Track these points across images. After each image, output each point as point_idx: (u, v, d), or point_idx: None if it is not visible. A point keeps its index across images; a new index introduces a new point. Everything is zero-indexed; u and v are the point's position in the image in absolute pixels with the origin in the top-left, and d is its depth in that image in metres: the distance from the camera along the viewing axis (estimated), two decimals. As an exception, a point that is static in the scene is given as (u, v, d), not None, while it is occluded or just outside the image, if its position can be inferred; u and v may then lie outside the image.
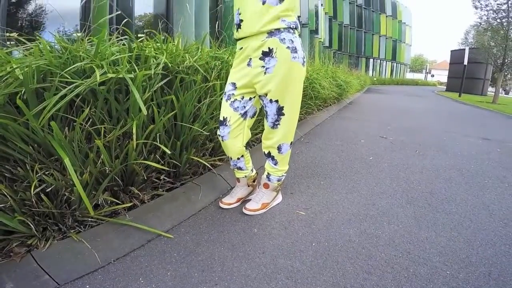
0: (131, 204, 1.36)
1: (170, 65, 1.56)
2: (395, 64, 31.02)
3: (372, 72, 26.72)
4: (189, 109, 1.60)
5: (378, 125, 4.37)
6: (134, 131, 1.20)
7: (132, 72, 1.30)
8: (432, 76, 46.98)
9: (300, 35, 1.33)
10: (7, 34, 2.24)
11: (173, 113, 1.52)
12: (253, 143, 2.48)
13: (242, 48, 1.30)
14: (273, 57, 1.22)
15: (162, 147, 1.31)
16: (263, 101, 1.32)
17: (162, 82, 1.49)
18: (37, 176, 1.12)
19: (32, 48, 1.31)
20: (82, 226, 1.20)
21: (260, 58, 1.23)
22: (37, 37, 1.38)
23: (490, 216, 1.64)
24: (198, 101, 1.77)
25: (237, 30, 1.30)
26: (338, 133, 3.64)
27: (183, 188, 1.64)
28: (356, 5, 24.45)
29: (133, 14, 4.63)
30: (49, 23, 4.63)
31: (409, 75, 41.48)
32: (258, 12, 1.21)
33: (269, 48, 1.21)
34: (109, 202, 1.30)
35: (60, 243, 1.11)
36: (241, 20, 1.26)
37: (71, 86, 1.14)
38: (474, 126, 5.12)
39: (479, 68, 18.07)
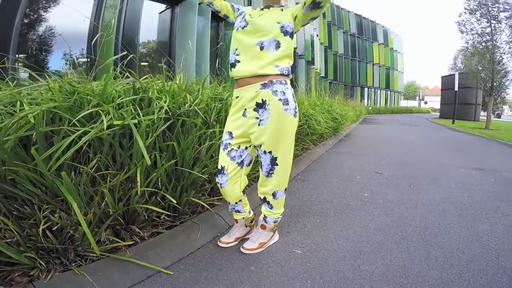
0: (132, 242, 1.45)
1: (172, 108, 1.72)
2: (389, 92, 32.05)
3: (367, 101, 27.64)
4: (190, 152, 1.74)
5: (374, 159, 4.49)
6: (138, 178, 1.33)
7: (137, 116, 1.45)
8: (426, 103, 48.45)
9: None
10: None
11: (174, 160, 1.66)
12: (251, 182, 2.60)
13: (238, 97, 1.43)
14: (266, 109, 1.34)
15: (168, 196, 1.43)
16: (257, 151, 1.44)
17: (164, 126, 1.64)
18: (43, 214, 1.22)
19: (43, 83, 1.48)
20: (83, 260, 1.28)
21: (254, 109, 1.36)
22: (46, 71, 1.55)
23: (483, 247, 1.72)
24: (198, 143, 1.92)
25: (231, 69, 1.44)
26: (334, 170, 3.74)
27: (183, 227, 1.73)
28: (350, 34, 25.83)
29: (137, 42, 4.91)
30: (57, 45, 4.90)
31: (403, 103, 42.70)
32: (255, 56, 1.35)
33: (262, 99, 1.34)
34: (111, 239, 1.39)
35: (61, 275, 1.17)
36: (237, 61, 1.40)
37: (79, 131, 1.27)
38: (468, 156, 5.28)
39: (470, 93, 18.64)
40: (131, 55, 2.03)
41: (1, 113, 1.33)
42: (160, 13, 6.23)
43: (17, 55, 4.06)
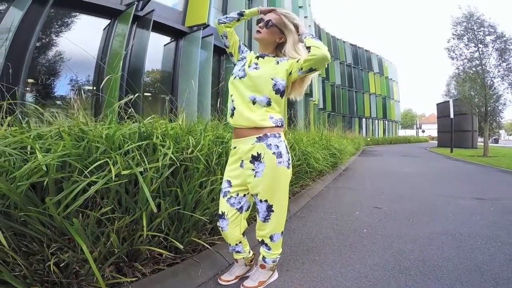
0: (134, 278, 1.52)
1: (175, 154, 1.86)
2: (386, 122, 32.56)
3: (366, 132, 27.98)
4: (192, 196, 1.87)
5: (373, 194, 4.55)
6: (144, 223, 1.44)
7: (142, 164, 1.59)
8: (423, 131, 49.20)
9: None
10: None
11: (178, 207, 1.79)
12: (251, 221, 2.67)
13: (235, 147, 1.56)
14: (261, 162, 1.46)
15: (171, 239, 1.52)
16: (254, 198, 1.56)
17: (168, 172, 1.77)
18: (51, 251, 1.32)
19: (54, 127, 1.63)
20: (86, 294, 1.35)
21: (251, 161, 1.48)
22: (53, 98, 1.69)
23: (482, 277, 1.77)
24: (200, 186, 2.03)
25: (231, 116, 1.57)
26: (333, 206, 3.79)
27: (184, 264, 1.80)
28: (346, 65, 26.58)
29: (143, 76, 5.18)
30: (65, 71, 5.18)
31: (401, 132, 43.32)
32: (249, 108, 1.48)
33: (257, 152, 1.46)
34: (113, 275, 1.47)
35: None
36: (234, 109, 1.53)
37: (88, 180, 1.39)
38: (467, 185, 5.36)
39: (465, 119, 19.02)
40: (136, 95, 2.22)
41: (12, 155, 1.44)
42: (165, 45, 6.77)
43: (27, 80, 4.23)
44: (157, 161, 1.65)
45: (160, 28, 6.07)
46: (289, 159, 1.52)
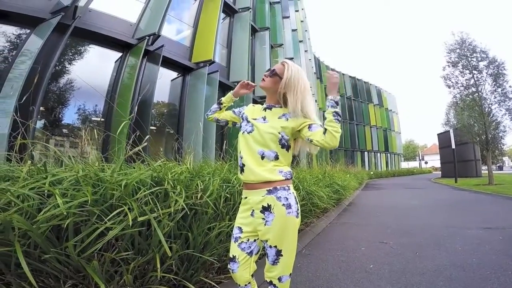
0: None
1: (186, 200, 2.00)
2: (388, 154, 32.46)
3: (368, 165, 27.70)
4: (201, 239, 1.98)
5: (378, 228, 4.53)
6: (158, 265, 1.54)
7: (155, 210, 1.72)
8: (426, 163, 49.04)
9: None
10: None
11: (188, 250, 1.89)
12: (258, 258, 2.72)
13: (246, 197, 1.63)
14: (271, 212, 1.53)
15: (186, 283, 1.61)
16: (264, 243, 1.63)
17: (179, 216, 1.89)
18: (65, 287, 1.41)
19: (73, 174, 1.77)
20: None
21: (261, 211, 1.56)
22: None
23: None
24: (208, 228, 2.14)
25: (240, 173, 1.58)
26: (338, 242, 3.78)
27: (192, 301, 1.85)
28: (346, 98, 26.83)
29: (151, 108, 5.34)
30: (74, 99, 5.30)
31: (404, 164, 43.18)
32: (258, 162, 1.51)
33: (268, 204, 1.53)
34: None
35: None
36: (244, 165, 1.55)
37: (106, 225, 1.52)
38: (474, 215, 5.34)
39: (467, 148, 18.94)
40: (146, 137, 2.39)
41: (34, 199, 1.59)
42: (172, 80, 7.10)
43: (41, 108, 4.31)
44: (169, 206, 1.78)
45: (168, 63, 6.39)
46: (298, 209, 1.58)
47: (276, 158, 1.52)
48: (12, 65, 4.29)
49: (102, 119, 5.53)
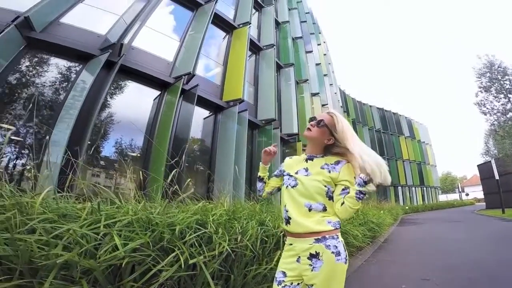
0: None
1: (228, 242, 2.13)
2: (424, 188, 30.69)
3: (403, 200, 26.27)
4: (240, 280, 2.06)
5: (418, 265, 4.34)
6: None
7: (201, 253, 1.85)
8: (467, 195, 45.70)
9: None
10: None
11: None
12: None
13: (291, 244, 1.61)
14: (319, 259, 1.50)
15: None
16: (309, 287, 1.59)
17: (221, 257, 2.00)
18: None
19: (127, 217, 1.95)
20: None
21: (308, 258, 1.53)
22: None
23: None
24: (246, 270, 2.23)
25: (285, 224, 1.57)
26: (375, 281, 3.67)
27: None
28: (375, 131, 26.09)
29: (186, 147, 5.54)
30: (114, 132, 5.59)
31: (442, 197, 40.75)
32: (305, 214, 1.50)
33: (316, 251, 1.51)
34: None
35: None
36: (290, 218, 1.53)
37: (159, 266, 1.66)
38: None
39: None
40: (188, 180, 2.57)
41: (97, 240, 1.77)
42: (205, 118, 7.41)
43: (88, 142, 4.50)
44: (213, 249, 1.92)
45: (201, 101, 6.69)
46: (346, 256, 1.56)
47: (324, 209, 1.52)
48: (66, 99, 4.70)
49: (138, 154, 5.85)
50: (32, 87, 4.86)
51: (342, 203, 1.48)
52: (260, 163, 1.85)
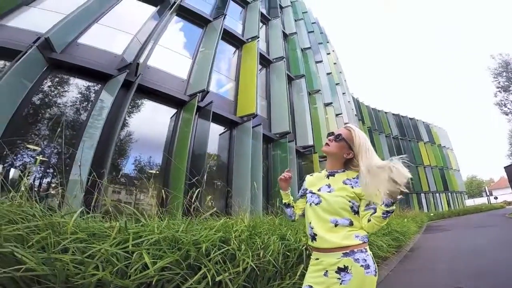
0: None
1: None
2: (449, 194, 29.73)
3: (427, 207, 25.48)
4: None
5: (448, 272, 4.21)
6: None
7: (226, 270, 1.91)
8: (496, 198, 43.72)
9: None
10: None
11: None
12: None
13: (318, 259, 1.55)
14: (348, 272, 1.48)
15: None
16: None
17: (246, 273, 2.05)
18: None
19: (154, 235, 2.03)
20: None
21: (336, 272, 1.51)
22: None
23: None
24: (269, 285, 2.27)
25: (311, 241, 1.56)
26: (405, 290, 3.54)
27: None
28: (392, 137, 25.57)
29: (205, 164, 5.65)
30: (133, 150, 5.73)
31: (469, 202, 39.25)
32: (331, 230, 1.49)
33: (344, 265, 1.49)
34: None
35: None
36: (315, 234, 1.53)
37: (189, 283, 1.73)
38: None
39: None
40: (209, 198, 2.65)
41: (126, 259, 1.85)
42: (220, 134, 7.50)
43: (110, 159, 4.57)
44: (237, 265, 1.98)
45: (216, 118, 6.76)
46: (376, 269, 1.53)
47: (351, 224, 1.52)
48: (88, 119, 4.88)
49: (157, 171, 5.99)
50: (54, 107, 5.05)
51: (369, 220, 1.48)
52: (280, 190, 1.86)
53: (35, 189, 4.29)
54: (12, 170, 4.32)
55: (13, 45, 4.63)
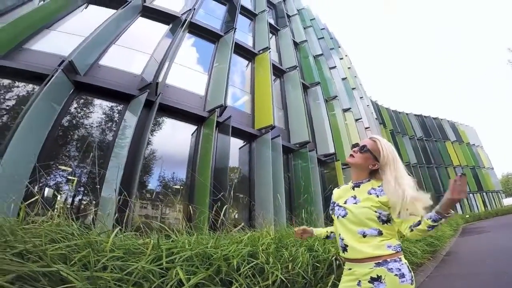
0: None
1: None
2: (484, 194, 28.25)
3: (461, 208, 24.29)
4: None
5: (491, 277, 4.00)
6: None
7: (256, 283, 1.96)
8: (538, 195, 40.95)
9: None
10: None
11: None
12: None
13: (350, 269, 1.55)
14: (381, 282, 1.45)
15: None
16: None
17: (275, 286, 2.09)
18: None
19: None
20: None
21: (369, 281, 1.49)
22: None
23: None
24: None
25: (343, 252, 1.56)
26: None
27: None
28: (417, 139, 24.57)
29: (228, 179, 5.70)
30: (157, 167, 5.86)
31: (508, 201, 37.08)
32: (361, 241, 1.48)
33: (377, 275, 1.44)
34: None
35: None
36: (346, 245, 1.53)
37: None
38: None
39: None
40: (235, 212, 2.72)
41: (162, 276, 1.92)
42: (240, 148, 7.56)
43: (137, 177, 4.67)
44: (267, 279, 2.02)
45: (235, 132, 6.80)
46: (412, 277, 1.47)
47: (380, 234, 1.50)
48: (115, 139, 5.08)
49: (181, 187, 6.13)
50: (82, 128, 5.31)
51: (411, 230, 1.44)
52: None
53: (68, 207, 4.47)
54: (46, 190, 4.51)
55: (38, 68, 4.94)
